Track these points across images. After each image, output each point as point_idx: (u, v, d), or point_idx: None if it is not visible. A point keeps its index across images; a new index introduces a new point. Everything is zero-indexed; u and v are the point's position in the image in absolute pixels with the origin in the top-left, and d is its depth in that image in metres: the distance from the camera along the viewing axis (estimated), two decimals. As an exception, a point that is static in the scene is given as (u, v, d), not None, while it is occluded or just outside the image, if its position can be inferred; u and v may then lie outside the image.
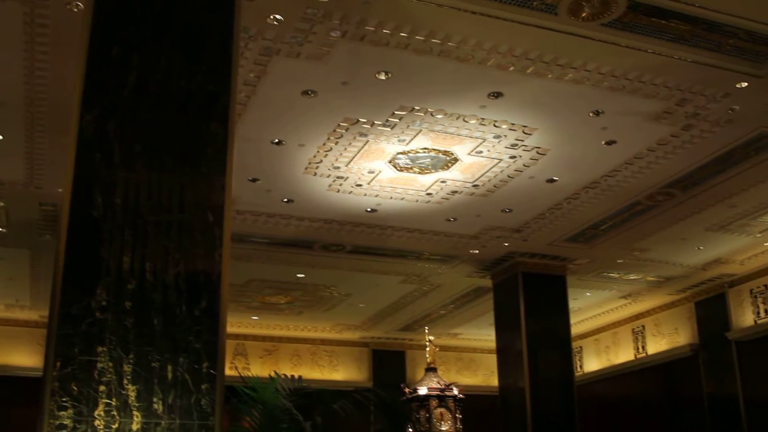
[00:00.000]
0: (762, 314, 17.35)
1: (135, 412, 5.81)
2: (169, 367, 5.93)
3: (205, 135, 6.48)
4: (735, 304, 18.00)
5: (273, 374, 6.71)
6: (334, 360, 22.20)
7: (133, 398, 5.84)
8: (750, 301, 17.70)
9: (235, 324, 20.37)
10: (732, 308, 18.02)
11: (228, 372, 6.91)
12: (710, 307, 18.46)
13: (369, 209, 13.41)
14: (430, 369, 11.41)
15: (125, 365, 5.84)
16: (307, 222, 13.93)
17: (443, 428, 10.84)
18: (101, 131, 6.18)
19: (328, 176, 12.10)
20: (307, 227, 14.14)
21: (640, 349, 20.55)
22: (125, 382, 5.84)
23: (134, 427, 5.80)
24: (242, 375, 6.65)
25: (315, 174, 12.01)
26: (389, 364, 21.98)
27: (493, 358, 17.85)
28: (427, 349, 11.68)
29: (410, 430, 10.88)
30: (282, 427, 6.32)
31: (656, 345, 20.07)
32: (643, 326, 20.53)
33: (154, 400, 5.87)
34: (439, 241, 15.01)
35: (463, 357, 23.41)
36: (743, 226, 14.85)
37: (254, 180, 12.08)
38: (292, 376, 7.00)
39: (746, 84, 9.76)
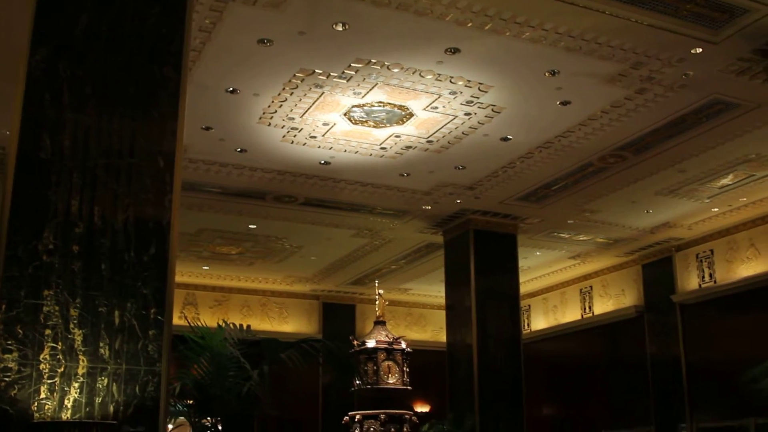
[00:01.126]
0: (706, 278, 17.67)
1: (81, 357, 5.79)
2: (117, 313, 5.91)
3: (158, 79, 6.40)
4: (681, 268, 18.31)
5: (221, 323, 6.70)
6: (284, 312, 22.22)
7: (79, 342, 5.82)
8: (696, 265, 18.01)
9: (185, 273, 20.27)
10: (678, 272, 18.33)
11: (177, 321, 6.90)
12: (657, 270, 18.76)
13: (322, 162, 13.36)
14: (379, 322, 11.47)
15: (72, 309, 5.80)
16: (260, 173, 13.84)
17: (390, 381, 10.93)
18: (51, 71, 6.07)
19: (283, 127, 12.02)
20: (260, 178, 14.06)
21: (587, 310, 20.85)
22: (71, 326, 5.80)
23: (80, 371, 5.78)
24: (191, 324, 6.62)
25: (269, 124, 11.92)
26: (339, 318, 22.07)
27: (442, 314, 17.99)
28: (377, 302, 11.73)
29: (358, 381, 10.95)
30: (229, 374, 6.33)
31: (603, 306, 20.38)
32: (590, 287, 20.82)
33: (101, 345, 5.85)
34: (391, 195, 15.02)
35: (412, 312, 23.58)
36: (692, 191, 15.05)
37: (207, 128, 11.96)
38: (241, 325, 6.99)
39: (701, 50, 9.83)
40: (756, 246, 16.66)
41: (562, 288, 21.70)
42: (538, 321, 22.50)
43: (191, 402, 6.89)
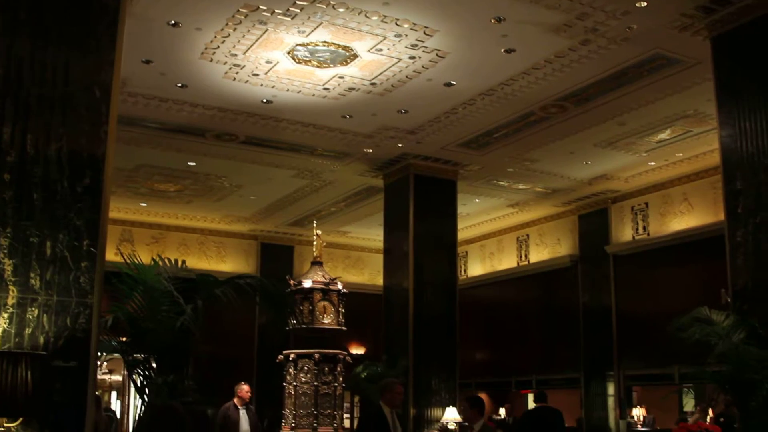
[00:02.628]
0: (640, 231, 18.01)
1: (11, 287, 5.72)
2: (48, 243, 5.83)
3: (96, 8, 6.25)
4: (616, 220, 18.62)
5: (156, 257, 6.65)
6: (222, 251, 22.14)
7: (9, 273, 5.74)
8: (630, 217, 18.33)
9: (122, 210, 20.05)
10: (613, 223, 18.64)
11: (113, 258, 6.83)
12: (592, 221, 19.05)
13: (264, 100, 13.22)
14: (316, 263, 11.47)
15: (2, 239, 5.71)
16: (200, 109, 13.65)
17: (325, 321, 10.97)
18: (-17, -5, 5.90)
19: (225, 63, 11.84)
20: (201, 114, 13.87)
21: (523, 258, 21.13)
22: (1, 256, 5.72)
23: (10, 301, 5.71)
24: (125, 258, 6.55)
25: (211, 60, 11.73)
26: (277, 259, 22.05)
27: (380, 258, 18.09)
28: (314, 243, 11.72)
29: (293, 321, 10.99)
30: (162, 309, 6.30)
31: (538, 254, 20.67)
32: (527, 235, 21.08)
33: (32, 275, 5.78)
34: (333, 137, 14.96)
35: (351, 255, 23.67)
36: (630, 144, 15.25)
37: (147, 62, 11.73)
38: (176, 260, 6.95)
39: (645, 4, 9.90)
40: (689, 201, 17.00)
41: (500, 236, 21.94)
42: (475, 267, 22.75)
43: (124, 339, 6.84)
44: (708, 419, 14.26)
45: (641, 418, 17.39)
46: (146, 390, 6.41)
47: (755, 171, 10.61)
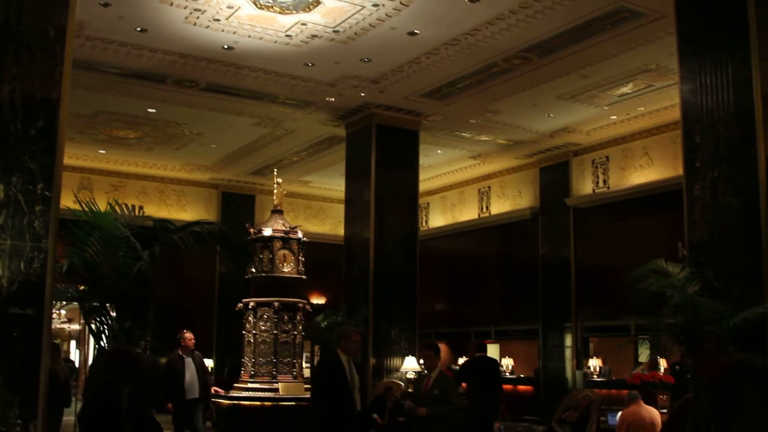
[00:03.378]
0: (600, 184, 18.13)
1: (-38, 230, 5.61)
2: (1, 187, 5.72)
3: (51, -55, 6.08)
4: (577, 173, 18.72)
5: (113, 203, 6.56)
6: (182, 200, 21.98)
7: (-39, 216, 5.63)
8: (591, 170, 18.44)
9: (80, 157, 19.79)
10: (573, 176, 18.74)
11: (72, 205, 6.71)
12: (553, 174, 19.14)
13: (226, 46, 13.03)
14: (276, 211, 11.39)
15: (-47, 181, 5.60)
16: (160, 54, 13.43)
17: (285, 270, 10.93)
18: (-69, -72, 5.72)
19: (185, 7, 11.62)
20: (161, 60, 13.65)
21: (484, 209, 21.21)
22: (-48, 198, 5.61)
23: (-38, 245, 5.61)
24: (81, 202, 6.45)
25: (171, 4, 11.51)
26: (238, 208, 21.92)
27: (341, 208, 18.07)
28: (275, 191, 11.64)
29: (253, 269, 10.94)
30: (119, 255, 6.23)
31: (499, 206, 20.75)
32: (488, 187, 21.14)
33: (-16, 219, 5.68)
34: (295, 85, 14.81)
35: (312, 205, 23.61)
36: (593, 97, 15.29)
37: (106, 5, 11.47)
38: (133, 206, 6.85)
39: (610, -47, 9.87)
40: (649, 155, 17.12)
41: (461, 187, 21.98)
42: (436, 218, 22.81)
43: (82, 287, 6.77)
44: (663, 370, 14.50)
45: (597, 369, 17.63)
46: (103, 336, 6.36)
47: (714, 125, 10.67)
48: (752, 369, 4.88)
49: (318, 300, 21.29)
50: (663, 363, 14.95)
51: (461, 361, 20.70)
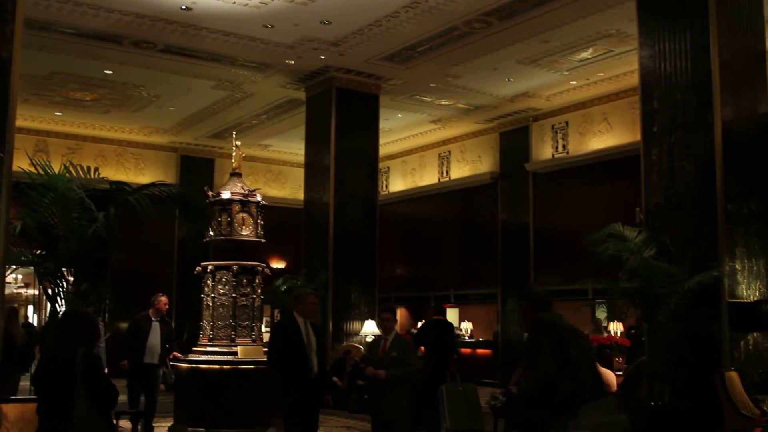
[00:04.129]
0: (560, 149, 18.23)
1: None
2: (-49, 147, 5.62)
3: None
4: (536, 138, 18.80)
5: (67, 164, 6.45)
6: (140, 163, 21.76)
7: None
8: (551, 135, 18.52)
9: (36, 119, 19.49)
10: (533, 141, 18.82)
11: (27, 168, 6.59)
12: (513, 139, 19.20)
13: (184, 7, 12.84)
14: (235, 174, 11.28)
15: None
16: (117, 15, 13.21)
17: (244, 233, 10.85)
18: None
19: (142, -33, 11.45)
20: (117, 20, 13.43)
21: (444, 174, 21.25)
22: None
23: None
24: (35, 163, 6.34)
25: (127, -37, 11.33)
26: (197, 172, 21.73)
27: (301, 172, 18.00)
28: (234, 154, 11.54)
29: (211, 233, 10.85)
30: (73, 216, 6.14)
31: (460, 171, 20.80)
32: (449, 152, 21.16)
33: (-66, 179, 5.57)
34: (254, 47, 14.66)
35: (272, 169, 23.49)
36: (553, 62, 15.31)
37: (60, -38, 11.27)
38: (88, 167, 6.75)
39: None
40: (608, 120, 17.22)
41: (422, 152, 21.98)
42: (396, 183, 22.82)
43: (38, 251, 6.67)
44: (620, 333, 14.69)
45: (555, 332, 17.81)
46: (58, 299, 6.30)
47: (672, 91, 10.76)
48: (546, 325, 5.03)
49: (278, 264, 21.26)
50: (616, 326, 15.15)
51: (419, 324, 20.83)
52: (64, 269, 6.56)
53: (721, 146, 10.39)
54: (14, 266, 6.95)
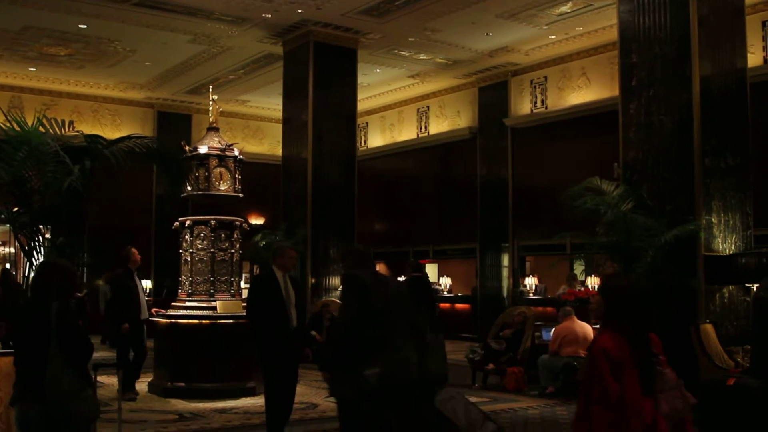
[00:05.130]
0: (539, 104, 18.22)
1: None
2: None
3: None
4: (515, 93, 18.77)
5: (41, 117, 6.37)
6: (117, 119, 21.57)
7: None
8: (529, 90, 18.50)
9: (10, 75, 19.28)
10: (512, 96, 18.79)
11: (2, 122, 6.50)
12: (492, 94, 19.16)
13: (159, -41, 12.67)
14: (212, 129, 11.18)
15: None
16: (90, -34, 13.01)
17: (222, 188, 10.78)
18: None
19: None
20: (91, -28, 13.23)
21: (423, 129, 21.19)
22: None
23: None
24: (8, 118, 6.26)
25: None
26: (175, 128, 21.55)
27: (279, 128, 17.89)
28: (210, 109, 11.43)
29: (189, 187, 10.78)
30: (48, 170, 6.09)
31: (438, 126, 20.75)
32: (427, 107, 21.09)
33: None
34: (230, 0, 14.48)
35: (250, 125, 23.35)
36: (532, 16, 15.24)
37: None
38: (63, 120, 6.68)
39: None
40: (587, 75, 17.21)
41: (400, 107, 21.90)
42: (375, 138, 22.75)
43: (14, 208, 6.61)
44: (583, 288, 14.80)
45: (533, 287, 17.94)
46: (34, 252, 6.26)
47: (650, 45, 10.76)
48: (351, 278, 5.41)
49: (256, 220, 21.24)
50: (593, 280, 15.28)
51: (399, 279, 20.91)
52: (40, 224, 6.51)
53: (699, 101, 10.42)
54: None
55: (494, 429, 5.33)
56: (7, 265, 22.65)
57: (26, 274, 6.24)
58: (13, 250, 20.93)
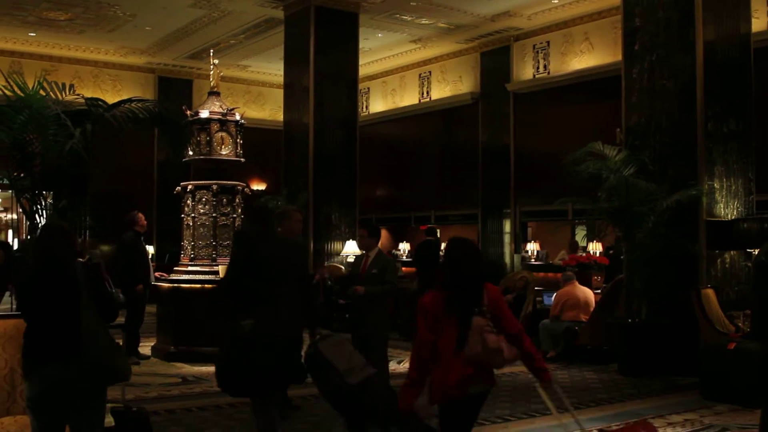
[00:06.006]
0: (541, 69, 18.12)
1: None
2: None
3: None
4: (517, 58, 18.65)
5: (42, 80, 6.35)
6: (117, 85, 21.48)
7: None
8: (532, 56, 18.38)
9: (9, 40, 19.15)
10: (514, 61, 18.67)
11: (2, 86, 6.48)
12: (494, 59, 19.04)
13: None
14: (213, 93, 11.15)
15: None
16: (88, -74, 12.88)
17: (223, 152, 10.79)
18: None
19: None
20: (88, -69, 13.10)
21: (425, 94, 21.11)
22: None
23: None
24: (9, 81, 6.24)
25: None
26: (176, 93, 21.44)
27: (281, 93, 17.82)
28: (211, 73, 11.39)
29: (190, 152, 10.78)
30: (49, 133, 6.08)
31: (440, 91, 20.66)
32: (429, 72, 20.99)
33: None
34: (231, -36, 14.40)
35: (251, 90, 23.25)
36: (535, -21, 15.13)
37: None
38: (63, 84, 6.66)
39: None
40: (590, 40, 17.10)
41: (402, 72, 21.78)
42: (377, 104, 22.66)
43: (15, 172, 6.60)
44: (598, 253, 14.85)
45: (535, 253, 17.95)
46: (36, 216, 6.27)
47: (654, 9, 10.70)
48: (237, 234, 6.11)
49: (258, 186, 21.23)
50: (595, 246, 15.31)
51: (401, 245, 20.97)
52: (42, 188, 6.51)
53: (702, 65, 10.38)
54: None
55: (372, 372, 5.60)
56: (10, 232, 22.74)
57: (28, 238, 6.25)
58: (15, 216, 20.97)
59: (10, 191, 6.81)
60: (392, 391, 5.85)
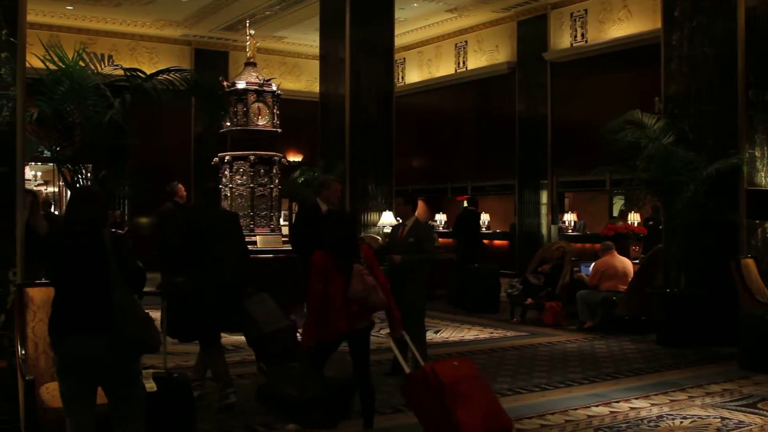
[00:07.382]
0: (578, 38, 17.93)
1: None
2: (-37, 33, 5.56)
3: None
4: (555, 26, 18.47)
5: (81, 51, 6.39)
6: (154, 57, 21.57)
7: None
8: (569, 24, 18.19)
9: (47, 14, 19.28)
10: (551, 30, 18.50)
11: (42, 64, 6.52)
12: (531, 28, 18.87)
13: None
14: (250, 64, 11.17)
15: None
16: None
17: (260, 123, 10.84)
18: None
19: None
20: None
21: (461, 64, 20.99)
22: None
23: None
24: (48, 48, 6.30)
25: None
26: (212, 65, 21.48)
27: (317, 65, 17.80)
28: (248, 44, 11.40)
29: (228, 123, 10.83)
30: (89, 103, 6.13)
31: (476, 61, 20.54)
32: (465, 42, 20.86)
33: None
34: (268, -66, 14.35)
35: (287, 61, 23.25)
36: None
37: None
38: (102, 54, 6.71)
39: None
40: (629, 8, 16.88)
41: (438, 42, 21.68)
42: (412, 74, 22.59)
43: (56, 143, 6.66)
44: (637, 223, 14.75)
45: (572, 223, 17.87)
46: (77, 185, 6.34)
47: (695, -27, 10.52)
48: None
49: (294, 157, 21.28)
50: (633, 216, 15.21)
51: (438, 216, 20.97)
52: (83, 160, 6.57)
53: (744, 32, 10.21)
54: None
55: (291, 323, 6.83)
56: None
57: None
58: (54, 189, 21.22)
59: (51, 164, 6.89)
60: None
